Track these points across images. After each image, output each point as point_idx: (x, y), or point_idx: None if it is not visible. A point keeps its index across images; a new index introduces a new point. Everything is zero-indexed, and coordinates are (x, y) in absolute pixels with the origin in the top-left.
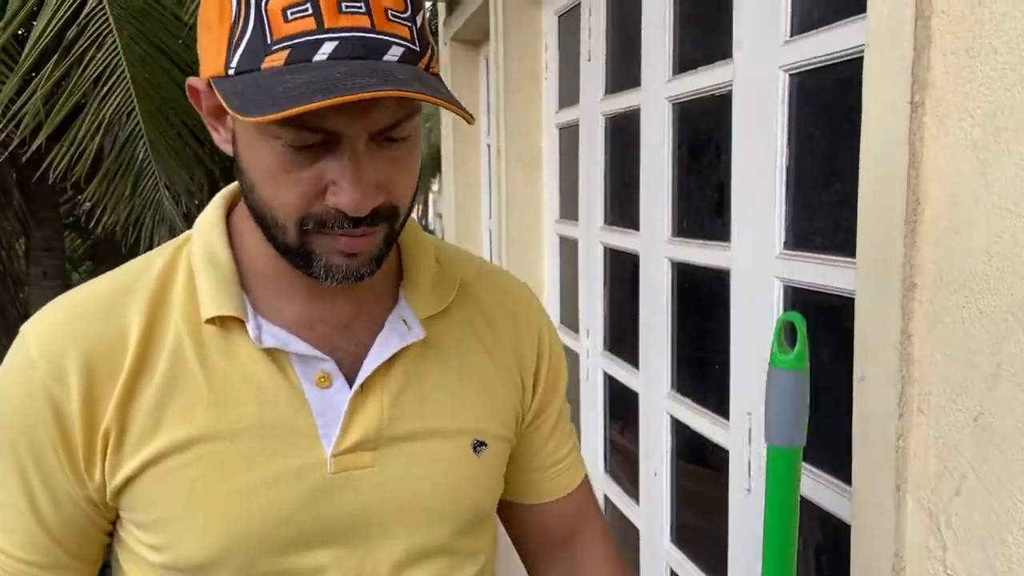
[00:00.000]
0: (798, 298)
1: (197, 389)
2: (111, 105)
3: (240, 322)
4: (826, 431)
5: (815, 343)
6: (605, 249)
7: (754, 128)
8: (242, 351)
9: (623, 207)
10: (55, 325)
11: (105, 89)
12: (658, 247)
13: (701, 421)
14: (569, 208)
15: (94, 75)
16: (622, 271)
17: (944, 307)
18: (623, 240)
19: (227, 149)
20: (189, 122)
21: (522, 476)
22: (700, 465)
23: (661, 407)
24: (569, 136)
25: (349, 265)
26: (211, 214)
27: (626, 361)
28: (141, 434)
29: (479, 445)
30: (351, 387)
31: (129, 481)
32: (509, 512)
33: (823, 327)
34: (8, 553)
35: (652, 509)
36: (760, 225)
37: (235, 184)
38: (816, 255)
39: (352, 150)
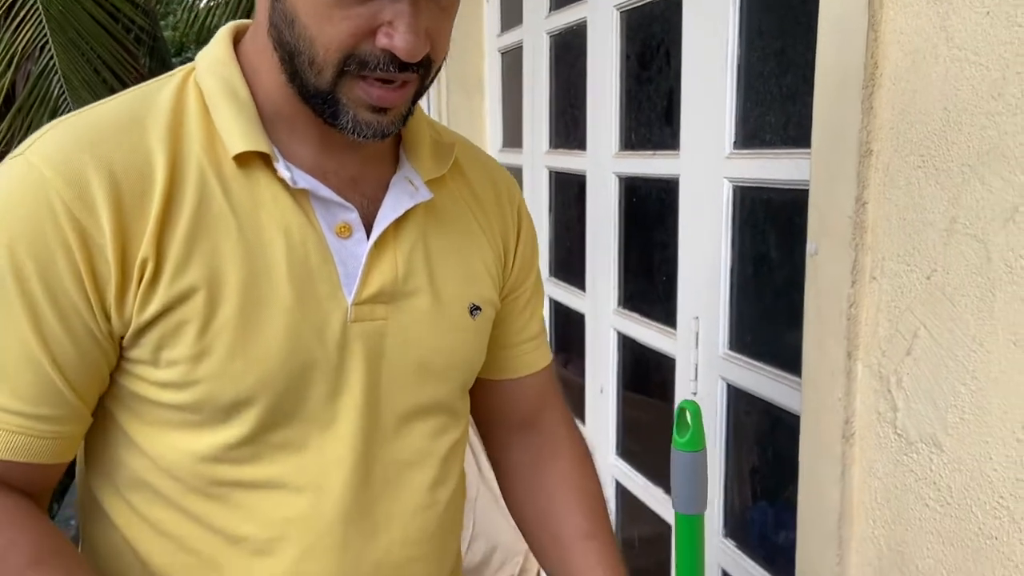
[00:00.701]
0: (747, 196)
1: (226, 226)
2: (23, 38)
3: (263, 162)
4: (779, 330)
5: (765, 240)
6: (550, 173)
7: (705, 26)
8: (266, 191)
9: (569, 129)
10: (67, 144)
11: (16, 21)
12: (605, 163)
13: (648, 333)
14: (513, 136)
15: (4, 6)
16: (568, 194)
17: (900, 169)
18: (569, 162)
19: None
20: (106, 57)
21: (493, 350)
22: (646, 376)
23: (607, 324)
24: (512, 60)
25: (380, 121)
26: (221, 49)
27: (572, 284)
28: (176, 266)
29: (475, 308)
30: (367, 240)
31: (159, 316)
32: (475, 388)
33: (772, 222)
34: (8, 409)
35: (598, 426)
36: (710, 127)
37: (240, 21)
38: (767, 150)
39: None
